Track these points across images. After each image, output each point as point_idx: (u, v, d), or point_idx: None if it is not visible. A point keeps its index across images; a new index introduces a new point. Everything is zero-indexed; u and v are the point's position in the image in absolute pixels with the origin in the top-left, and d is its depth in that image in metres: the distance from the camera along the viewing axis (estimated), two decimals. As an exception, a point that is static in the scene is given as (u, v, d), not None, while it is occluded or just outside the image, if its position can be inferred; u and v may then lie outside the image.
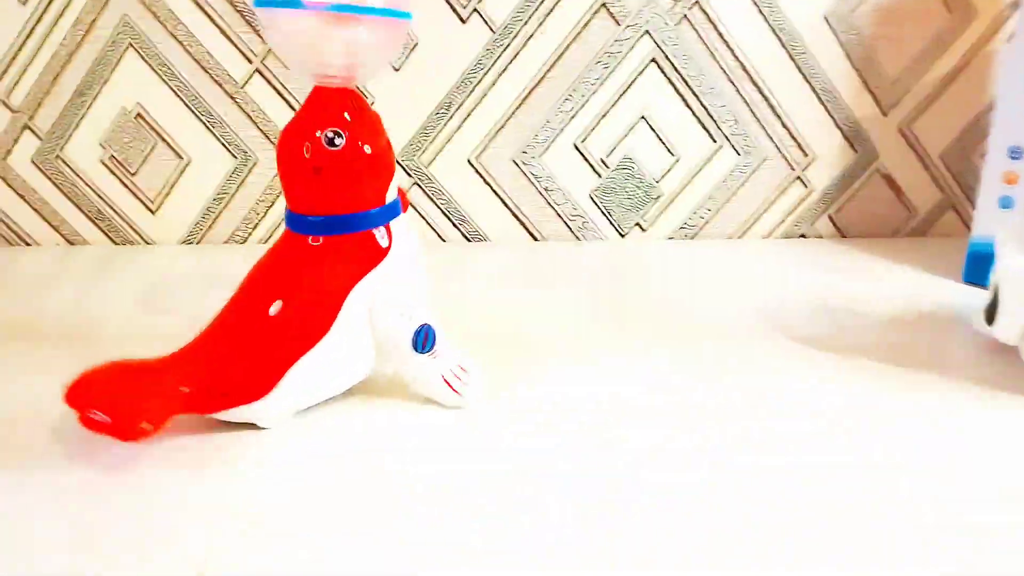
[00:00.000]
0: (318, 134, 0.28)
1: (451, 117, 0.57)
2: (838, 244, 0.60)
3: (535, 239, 0.60)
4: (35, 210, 0.57)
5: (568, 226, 0.60)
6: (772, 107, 0.58)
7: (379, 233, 0.30)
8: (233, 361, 0.29)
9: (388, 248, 0.30)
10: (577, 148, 0.58)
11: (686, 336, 0.40)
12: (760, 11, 0.56)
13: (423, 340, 0.31)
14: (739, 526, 0.24)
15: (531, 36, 0.55)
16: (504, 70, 0.56)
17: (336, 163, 0.28)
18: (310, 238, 0.30)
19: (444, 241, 0.59)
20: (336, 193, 0.29)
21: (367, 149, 0.29)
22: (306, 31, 0.27)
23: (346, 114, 0.29)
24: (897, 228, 0.61)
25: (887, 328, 0.41)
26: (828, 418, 0.31)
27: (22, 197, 0.57)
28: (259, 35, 0.54)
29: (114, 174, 0.57)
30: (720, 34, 0.56)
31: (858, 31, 0.57)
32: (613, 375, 0.35)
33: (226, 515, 0.25)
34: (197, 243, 0.59)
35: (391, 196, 0.31)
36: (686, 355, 0.37)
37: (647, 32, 0.56)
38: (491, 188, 0.58)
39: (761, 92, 0.58)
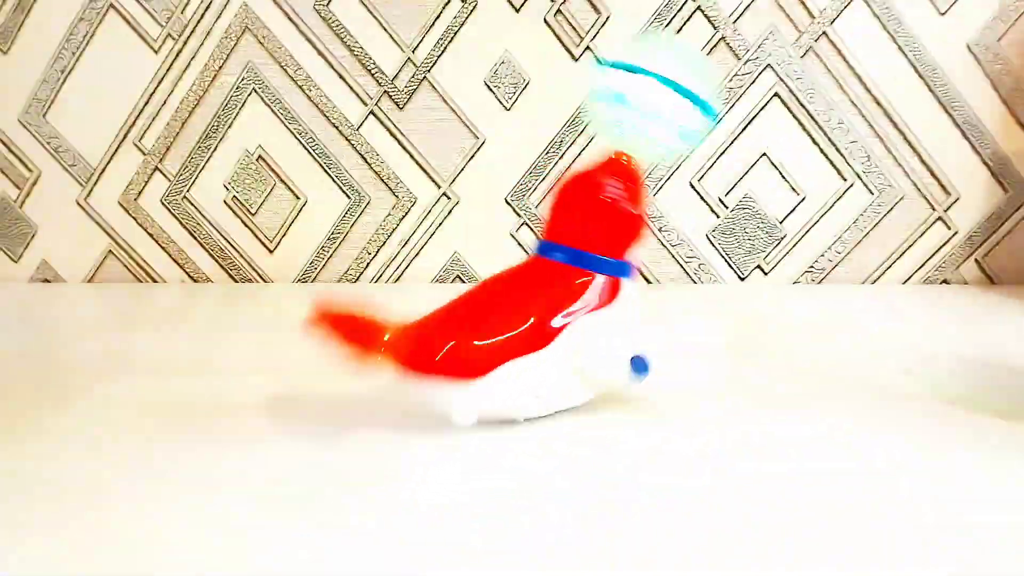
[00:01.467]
0: (606, 183, 0.32)
1: (562, 156, 0.55)
2: (987, 291, 0.54)
3: (648, 281, 0.57)
4: (162, 248, 0.59)
5: (683, 268, 0.57)
6: (909, 142, 0.54)
7: (603, 280, 0.33)
8: (464, 337, 0.31)
9: (611, 299, 0.33)
10: (693, 187, 0.56)
11: (810, 391, 0.36)
12: (895, 41, 0.52)
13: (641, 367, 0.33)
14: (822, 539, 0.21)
15: (646, 72, 0.54)
16: (617, 108, 0.54)
17: (607, 212, 0.32)
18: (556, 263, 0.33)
19: (553, 283, 0.58)
20: (595, 235, 0.33)
21: (634, 210, 0.33)
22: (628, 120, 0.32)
23: (619, 182, 0.33)
24: (1056, 274, 0.55)
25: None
26: (981, 495, 0.27)
27: (151, 236, 0.59)
28: (375, 79, 0.55)
29: (236, 214, 0.58)
30: (850, 66, 0.53)
31: (1006, 61, 0.52)
32: (725, 430, 0.32)
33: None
34: (311, 282, 0.60)
35: (629, 257, 0.34)
36: (809, 413, 0.34)
37: (769, 66, 0.53)
38: (603, 229, 0.56)
39: (896, 126, 0.54)
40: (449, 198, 0.57)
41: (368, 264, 0.59)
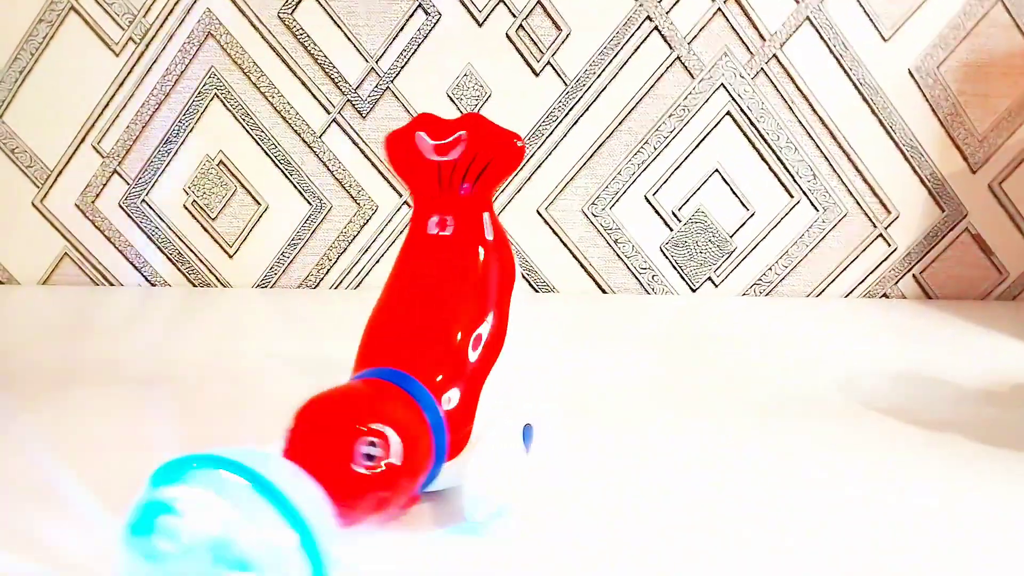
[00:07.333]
0: None
1: (522, 167, 0.57)
2: (923, 306, 0.57)
3: (603, 291, 0.59)
4: (119, 251, 0.59)
5: (637, 279, 0.59)
6: (852, 162, 0.56)
7: None
8: None
9: None
10: (648, 200, 0.57)
11: (756, 403, 0.38)
12: (841, 64, 0.55)
13: None
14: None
15: (604, 89, 0.55)
16: (576, 122, 0.56)
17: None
18: None
19: (511, 291, 0.59)
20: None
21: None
22: None
23: None
24: (987, 290, 0.58)
25: (977, 400, 0.39)
26: (911, 503, 0.29)
27: (108, 239, 0.59)
28: (339, 87, 0.56)
29: (195, 219, 0.59)
30: (798, 87, 0.55)
31: (945, 86, 0.55)
32: (672, 440, 0.34)
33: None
34: (271, 287, 0.60)
35: None
36: (754, 424, 0.36)
37: (722, 85, 0.55)
38: (559, 239, 0.58)
39: (841, 146, 0.56)
40: (411, 206, 0.58)
41: (328, 270, 0.60)
